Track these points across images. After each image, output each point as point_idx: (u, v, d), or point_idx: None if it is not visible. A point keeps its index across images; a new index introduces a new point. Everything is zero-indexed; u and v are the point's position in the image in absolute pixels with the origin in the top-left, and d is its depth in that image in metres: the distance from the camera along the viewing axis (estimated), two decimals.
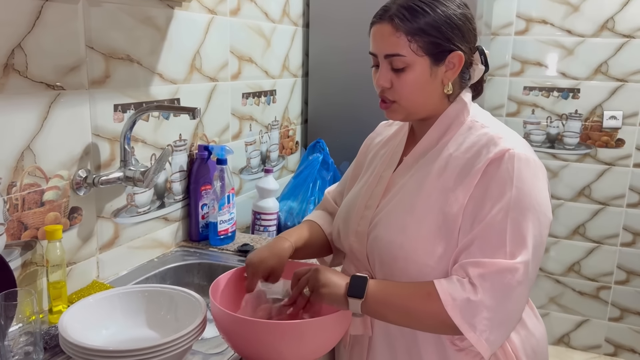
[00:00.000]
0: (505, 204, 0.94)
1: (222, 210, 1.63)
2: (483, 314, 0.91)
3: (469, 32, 1.04)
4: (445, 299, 0.92)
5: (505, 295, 0.91)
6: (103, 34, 1.30)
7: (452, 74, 1.03)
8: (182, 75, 1.59)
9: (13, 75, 1.09)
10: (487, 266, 0.92)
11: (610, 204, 2.77)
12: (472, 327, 0.91)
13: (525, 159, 0.98)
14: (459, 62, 1.02)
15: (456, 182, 0.99)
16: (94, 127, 1.30)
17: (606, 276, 2.84)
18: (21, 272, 1.16)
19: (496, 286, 0.91)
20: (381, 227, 1.06)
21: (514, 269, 0.91)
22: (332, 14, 2.24)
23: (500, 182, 0.96)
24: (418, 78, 1.01)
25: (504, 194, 0.95)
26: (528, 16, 2.74)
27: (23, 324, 0.97)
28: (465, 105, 1.07)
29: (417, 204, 1.02)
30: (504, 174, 0.96)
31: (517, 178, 0.95)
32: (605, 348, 2.91)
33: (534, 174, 0.98)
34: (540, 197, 0.97)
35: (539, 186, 0.98)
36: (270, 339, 0.95)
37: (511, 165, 0.96)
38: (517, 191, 0.94)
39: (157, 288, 1.14)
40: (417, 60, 1.00)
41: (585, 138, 2.76)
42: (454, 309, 0.91)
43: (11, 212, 1.12)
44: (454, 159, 1.02)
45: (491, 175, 0.97)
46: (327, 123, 2.32)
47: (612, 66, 2.65)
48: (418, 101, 1.04)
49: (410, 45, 0.99)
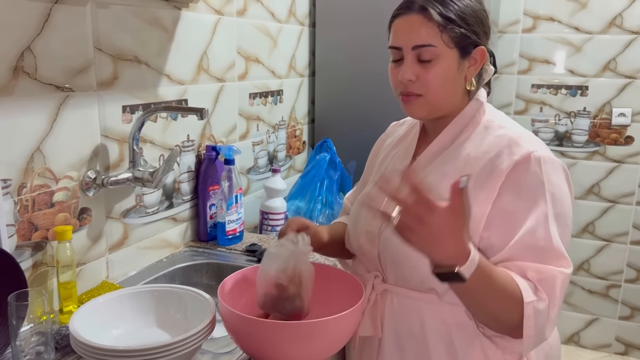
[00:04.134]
0: (542, 211, 0.93)
1: (230, 210, 1.63)
2: (543, 319, 0.91)
3: (489, 28, 1.04)
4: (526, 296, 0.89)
5: (557, 302, 0.92)
6: (111, 36, 1.30)
7: (475, 69, 1.03)
8: (190, 76, 1.60)
9: (23, 77, 1.10)
10: (545, 272, 0.91)
11: (620, 202, 2.75)
12: (538, 335, 0.92)
13: (551, 161, 0.97)
14: (482, 57, 1.02)
15: (476, 184, 0.96)
16: (102, 128, 1.31)
17: (616, 274, 2.82)
18: (32, 273, 1.17)
19: (553, 293, 0.91)
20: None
21: (565, 277, 0.92)
22: (338, 13, 2.24)
23: (532, 187, 0.95)
24: (446, 70, 0.99)
25: (538, 199, 0.94)
26: (535, 13, 2.72)
27: (34, 324, 0.98)
28: (481, 104, 1.06)
29: None
30: (534, 178, 0.95)
31: (547, 182, 0.95)
32: (616, 347, 2.89)
33: (561, 177, 0.98)
34: (567, 203, 0.98)
35: (566, 191, 0.99)
36: (278, 339, 0.95)
37: (539, 168, 0.95)
38: (550, 196, 0.94)
39: (167, 288, 1.15)
40: (446, 52, 0.98)
41: (594, 135, 2.75)
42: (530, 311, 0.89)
43: (22, 213, 1.13)
44: (473, 159, 1.00)
45: (521, 179, 0.95)
46: (334, 122, 2.32)
47: (620, 63, 2.63)
48: (444, 95, 1.01)
49: (442, 36, 0.97)
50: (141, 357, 0.90)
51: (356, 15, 2.19)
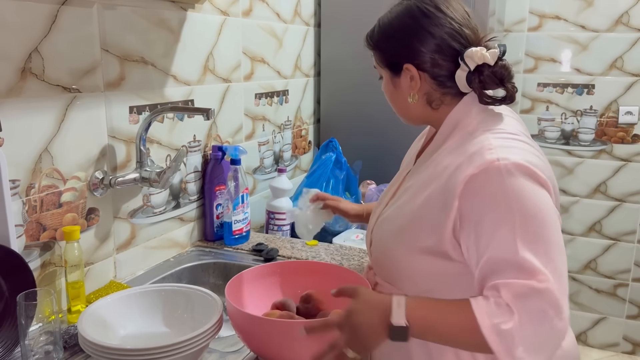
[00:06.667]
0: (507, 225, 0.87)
1: (236, 210, 1.64)
2: (520, 341, 0.83)
3: (434, 43, 1.01)
4: (482, 321, 0.85)
5: (541, 318, 0.84)
6: (118, 37, 1.31)
7: (415, 84, 1.05)
8: (196, 76, 1.60)
9: (30, 78, 1.11)
10: (519, 287, 0.85)
11: (627, 200, 2.74)
12: (509, 355, 0.84)
13: (516, 168, 0.90)
14: (414, 73, 1.04)
15: (438, 202, 0.95)
16: (109, 129, 1.32)
17: (623, 273, 2.81)
18: (40, 273, 1.18)
19: (524, 309, 0.84)
20: (380, 225, 1.10)
21: (538, 291, 0.84)
22: (343, 13, 2.24)
23: (494, 202, 0.89)
24: (386, 87, 1.12)
25: (501, 212, 0.88)
26: (541, 12, 2.72)
27: (43, 323, 0.98)
28: (468, 111, 1.03)
29: (405, 217, 1.02)
30: (496, 190, 0.89)
31: (513, 191, 0.88)
32: (624, 346, 2.88)
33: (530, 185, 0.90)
34: (540, 213, 0.89)
35: (537, 201, 0.90)
36: (285, 337, 0.96)
37: (500, 178, 0.89)
38: (517, 207, 0.88)
39: (174, 287, 1.15)
40: (382, 71, 1.11)
41: (600, 134, 2.74)
42: (491, 334, 0.84)
43: (30, 213, 1.14)
44: (442, 168, 0.98)
45: (479, 190, 0.90)
46: (340, 122, 2.33)
47: (627, 61, 2.62)
48: (397, 108, 1.13)
49: (376, 57, 1.11)
50: (149, 357, 0.91)
51: (361, 15, 2.18)
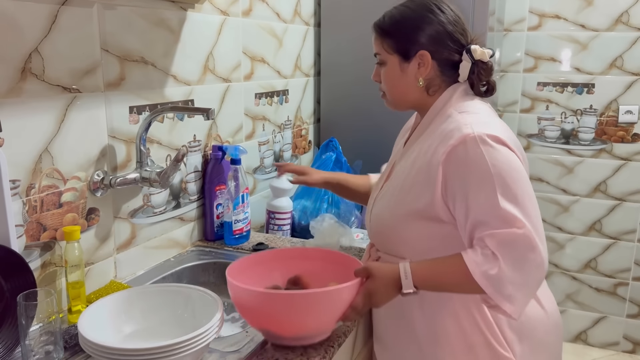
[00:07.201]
0: (489, 187, 1.02)
1: (236, 209, 1.64)
2: (507, 281, 1.00)
3: (445, 35, 1.17)
4: (473, 270, 1.01)
5: (522, 259, 1.00)
6: (118, 37, 1.31)
7: (424, 70, 1.18)
8: (196, 76, 1.60)
9: (30, 78, 1.11)
10: (502, 236, 1.01)
11: (627, 200, 2.74)
12: (500, 294, 1.01)
13: (489, 137, 1.05)
14: (427, 60, 1.16)
15: (425, 172, 1.11)
16: (110, 129, 1.32)
17: (623, 272, 2.81)
18: (41, 273, 1.18)
19: (509, 254, 1.00)
20: (378, 203, 1.24)
21: (519, 235, 1.00)
22: (343, 13, 2.24)
23: (474, 166, 1.04)
24: (391, 72, 1.21)
25: (482, 177, 1.03)
26: (541, 11, 2.72)
27: (43, 323, 0.99)
28: (450, 97, 1.18)
29: (397, 189, 1.18)
30: (474, 157, 1.04)
31: (490, 158, 1.03)
32: (624, 345, 2.88)
33: (504, 152, 1.05)
34: (516, 175, 1.04)
35: (512, 164, 1.05)
36: (283, 309, 1.02)
37: (477, 147, 1.04)
38: (495, 171, 1.02)
39: (174, 287, 1.15)
40: (389, 58, 1.20)
41: (600, 133, 2.74)
42: (482, 280, 1.01)
43: (30, 213, 1.14)
44: (427, 147, 1.13)
45: (460, 161, 1.06)
46: (340, 122, 2.33)
47: (627, 60, 2.62)
48: (397, 93, 1.22)
49: (383, 45, 1.20)
50: (149, 357, 0.91)
51: (361, 15, 2.19)
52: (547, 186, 2.87)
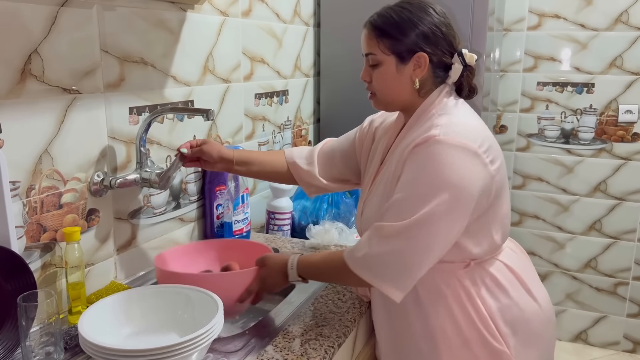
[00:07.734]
0: (418, 185, 1.07)
1: (236, 210, 1.64)
2: (380, 263, 1.08)
3: (440, 37, 1.17)
4: (347, 257, 1.12)
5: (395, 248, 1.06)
6: (117, 38, 1.31)
7: (420, 72, 1.18)
8: (196, 77, 1.60)
9: (30, 80, 1.11)
10: (384, 228, 1.08)
11: (627, 199, 2.74)
12: (375, 276, 1.08)
13: (451, 143, 1.07)
14: (424, 62, 1.16)
15: (399, 166, 1.14)
16: (109, 130, 1.32)
17: (624, 272, 2.81)
18: (41, 274, 1.18)
19: (385, 242, 1.07)
20: (367, 205, 1.26)
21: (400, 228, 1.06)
22: (342, 13, 2.24)
23: (420, 165, 1.08)
24: (386, 73, 1.19)
25: (418, 176, 1.08)
26: (540, 11, 2.72)
27: (43, 324, 0.99)
28: (435, 100, 1.19)
29: (385, 191, 1.19)
30: (421, 157, 1.08)
31: (430, 159, 1.07)
32: (624, 344, 2.88)
33: (454, 155, 1.06)
34: (467, 173, 1.07)
35: (456, 166, 1.06)
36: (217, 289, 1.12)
37: (430, 148, 1.07)
38: (439, 178, 1.06)
39: (174, 288, 1.15)
40: (385, 58, 1.18)
41: (600, 133, 2.74)
42: (356, 267, 1.10)
43: (30, 214, 1.14)
44: (405, 147, 1.14)
45: (414, 158, 1.09)
46: (339, 122, 2.32)
47: (627, 60, 2.62)
48: (389, 94, 1.21)
49: (379, 45, 1.18)
50: (149, 357, 0.91)
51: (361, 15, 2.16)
52: (547, 186, 2.87)
